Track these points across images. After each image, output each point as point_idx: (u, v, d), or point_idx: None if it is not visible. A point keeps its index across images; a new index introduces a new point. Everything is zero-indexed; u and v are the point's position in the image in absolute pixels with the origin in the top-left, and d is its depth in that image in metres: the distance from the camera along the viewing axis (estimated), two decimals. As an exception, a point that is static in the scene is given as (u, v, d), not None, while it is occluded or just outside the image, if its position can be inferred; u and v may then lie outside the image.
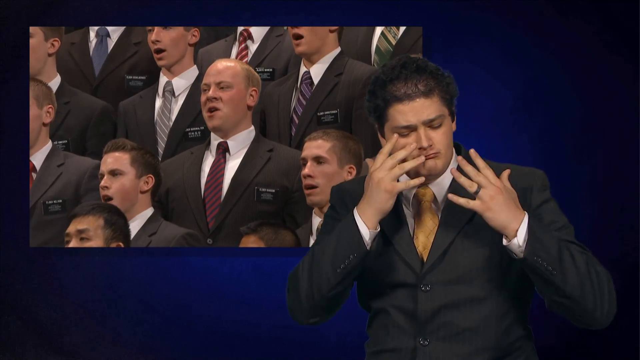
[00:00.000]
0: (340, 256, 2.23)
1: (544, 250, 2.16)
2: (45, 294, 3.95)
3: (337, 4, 3.93)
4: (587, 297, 2.20)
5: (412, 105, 2.26)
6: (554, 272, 2.17)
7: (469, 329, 2.26)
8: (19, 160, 3.95)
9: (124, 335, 3.94)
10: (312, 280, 2.25)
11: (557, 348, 3.82)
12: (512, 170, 2.32)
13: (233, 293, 3.92)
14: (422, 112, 2.26)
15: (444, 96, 2.28)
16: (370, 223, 2.23)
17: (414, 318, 2.27)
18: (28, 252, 3.93)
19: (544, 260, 2.16)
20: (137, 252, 3.88)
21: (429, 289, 2.26)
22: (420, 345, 2.27)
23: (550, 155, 3.90)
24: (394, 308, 2.30)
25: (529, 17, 3.91)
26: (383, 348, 2.32)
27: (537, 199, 2.31)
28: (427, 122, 2.26)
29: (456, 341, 2.26)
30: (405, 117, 2.26)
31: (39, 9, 3.98)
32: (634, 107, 3.89)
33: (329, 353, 3.84)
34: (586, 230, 3.81)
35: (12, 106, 3.98)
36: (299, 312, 2.31)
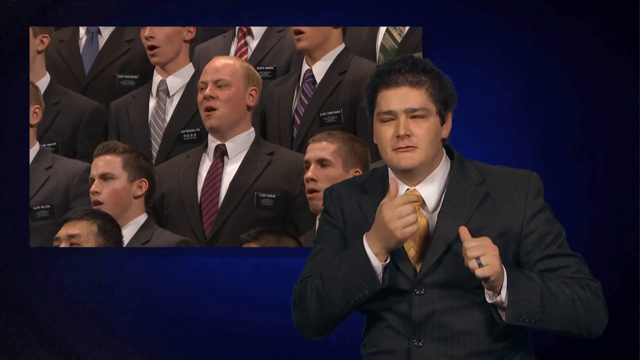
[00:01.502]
0: (353, 290, 2.25)
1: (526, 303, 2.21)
2: (45, 294, 3.94)
3: (337, 3, 3.93)
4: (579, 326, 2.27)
5: (396, 92, 2.27)
6: (539, 322, 2.23)
7: (464, 331, 2.27)
8: (19, 160, 3.94)
9: (124, 336, 3.94)
10: (323, 308, 2.29)
11: (556, 348, 3.82)
12: (507, 173, 2.33)
13: (233, 293, 3.92)
14: (406, 100, 2.27)
15: (434, 94, 2.29)
16: (381, 257, 2.24)
17: (408, 320, 2.28)
18: (28, 252, 3.92)
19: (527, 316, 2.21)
20: (137, 252, 3.87)
21: (423, 292, 2.27)
22: (414, 346, 2.28)
23: (550, 155, 3.90)
24: (388, 311, 2.31)
25: (529, 17, 3.91)
26: (378, 350, 2.34)
27: (533, 207, 2.31)
28: (409, 111, 2.26)
29: (450, 343, 2.27)
30: (387, 102, 2.27)
31: (39, 9, 3.97)
32: (634, 107, 3.89)
33: (329, 353, 3.83)
34: (586, 230, 3.82)
35: (12, 106, 3.98)
36: (309, 331, 2.36)
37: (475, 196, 2.29)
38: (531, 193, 2.32)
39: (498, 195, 2.30)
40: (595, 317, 2.26)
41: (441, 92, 2.30)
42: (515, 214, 2.29)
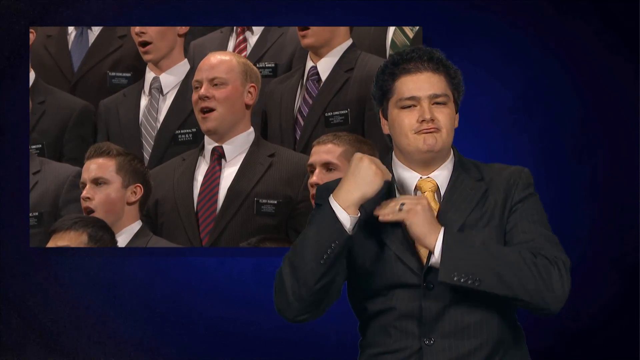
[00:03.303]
0: (322, 247, 2.19)
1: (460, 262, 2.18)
2: (45, 294, 3.94)
3: (337, 3, 3.92)
4: (533, 293, 2.18)
5: (419, 77, 2.28)
6: (478, 283, 2.18)
7: (474, 322, 2.26)
8: (19, 160, 3.94)
9: (124, 336, 3.94)
10: (297, 276, 2.22)
11: (556, 348, 3.82)
12: (501, 167, 2.35)
13: (233, 293, 3.92)
14: (429, 85, 2.28)
15: (451, 81, 2.31)
16: (350, 209, 2.21)
17: (418, 319, 2.26)
18: (28, 252, 3.92)
19: (463, 275, 2.17)
20: (137, 252, 3.86)
21: (432, 287, 2.26)
22: (425, 345, 2.26)
23: (550, 155, 3.90)
24: (394, 310, 2.29)
25: (529, 17, 3.91)
26: (384, 350, 2.31)
27: (520, 194, 2.31)
28: (432, 97, 2.28)
29: (461, 336, 2.25)
30: (409, 88, 2.28)
31: (39, 9, 3.97)
32: (634, 107, 3.89)
33: (329, 353, 3.83)
34: (586, 230, 3.82)
35: (11, 106, 3.97)
36: (287, 309, 2.28)
37: (476, 192, 2.30)
38: (521, 183, 2.32)
39: (493, 191, 2.31)
40: (547, 284, 2.19)
41: (454, 81, 2.33)
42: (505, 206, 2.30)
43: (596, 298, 3.85)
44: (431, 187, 2.31)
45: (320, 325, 3.82)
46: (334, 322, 3.77)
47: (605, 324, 3.84)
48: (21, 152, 3.96)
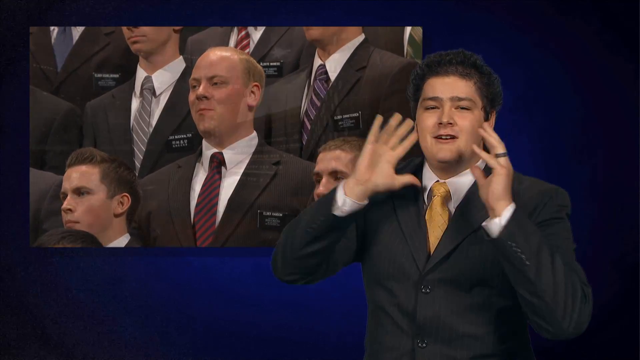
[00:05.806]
0: (312, 218, 2.25)
1: (523, 237, 2.11)
2: (45, 294, 3.94)
3: (337, 3, 3.92)
4: (559, 303, 2.13)
5: (444, 80, 2.29)
6: (527, 263, 2.10)
7: (468, 334, 2.26)
8: (19, 160, 3.94)
9: (124, 335, 3.94)
10: (287, 239, 2.29)
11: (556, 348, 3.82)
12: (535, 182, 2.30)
13: (233, 293, 3.92)
14: (453, 88, 2.29)
15: (482, 88, 2.32)
16: (354, 194, 2.23)
17: (412, 319, 2.28)
18: (28, 252, 3.92)
19: (519, 246, 2.11)
20: (137, 252, 3.86)
21: (429, 290, 2.26)
22: (418, 347, 2.27)
23: (550, 155, 3.90)
24: (393, 306, 2.30)
25: (529, 17, 3.92)
26: (381, 347, 2.33)
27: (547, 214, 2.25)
28: (454, 99, 2.28)
29: (454, 346, 2.26)
30: (434, 89, 2.29)
31: (39, 9, 3.97)
32: (634, 107, 3.90)
33: (329, 353, 3.83)
34: (586, 230, 3.83)
35: (11, 106, 3.97)
36: (274, 265, 2.34)
37: None
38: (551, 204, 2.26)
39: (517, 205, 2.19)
40: (577, 311, 2.15)
41: (489, 88, 2.33)
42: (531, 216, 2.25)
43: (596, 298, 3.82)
44: (442, 193, 2.30)
45: (320, 325, 3.83)
46: (334, 322, 3.78)
47: (605, 324, 3.84)
48: (21, 152, 3.96)
